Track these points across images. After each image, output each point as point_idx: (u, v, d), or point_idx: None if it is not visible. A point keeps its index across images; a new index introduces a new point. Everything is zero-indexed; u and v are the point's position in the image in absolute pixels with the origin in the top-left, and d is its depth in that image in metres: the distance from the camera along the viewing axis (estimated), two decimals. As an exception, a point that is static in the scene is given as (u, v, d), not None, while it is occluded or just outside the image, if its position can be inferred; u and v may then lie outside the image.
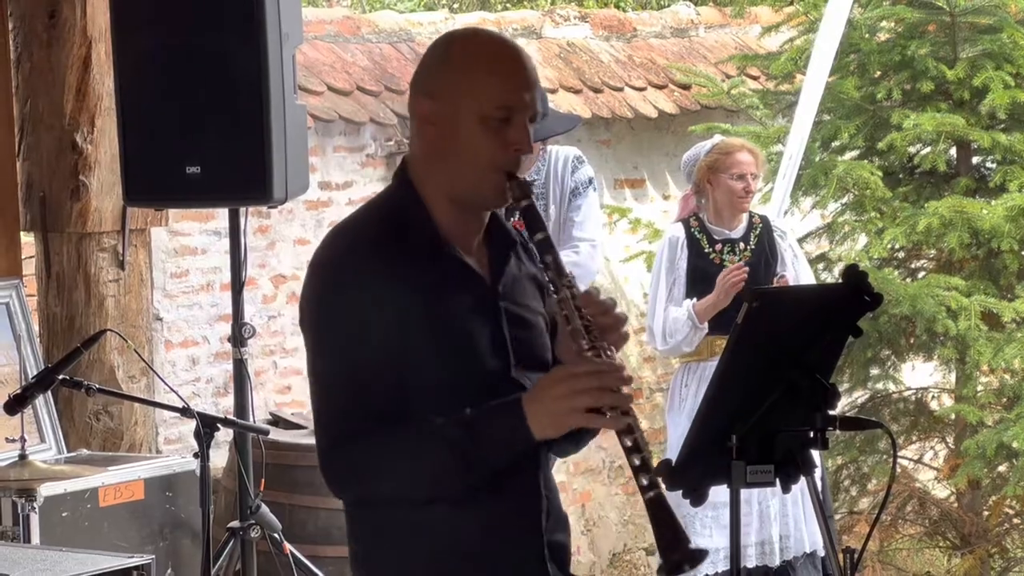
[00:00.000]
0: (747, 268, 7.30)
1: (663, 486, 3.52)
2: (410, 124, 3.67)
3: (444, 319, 3.52)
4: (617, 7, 13.69)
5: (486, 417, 3.48)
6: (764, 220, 7.62)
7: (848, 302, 3.90)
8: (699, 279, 7.47)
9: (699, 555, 3.54)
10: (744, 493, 3.89)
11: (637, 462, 3.47)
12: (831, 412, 3.85)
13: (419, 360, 3.49)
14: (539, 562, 3.61)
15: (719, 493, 3.88)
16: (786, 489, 3.90)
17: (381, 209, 3.63)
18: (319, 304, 3.56)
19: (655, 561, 8.10)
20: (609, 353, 3.50)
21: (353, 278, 3.52)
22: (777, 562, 7.42)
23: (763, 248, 7.55)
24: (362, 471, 3.50)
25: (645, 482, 3.46)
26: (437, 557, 3.55)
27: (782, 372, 3.83)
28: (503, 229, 3.67)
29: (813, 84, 9.04)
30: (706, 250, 7.50)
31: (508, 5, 14.90)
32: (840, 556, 3.83)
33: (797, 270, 7.63)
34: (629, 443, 3.47)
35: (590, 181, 7.50)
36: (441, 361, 3.50)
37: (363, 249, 3.53)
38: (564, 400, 3.43)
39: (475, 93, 3.53)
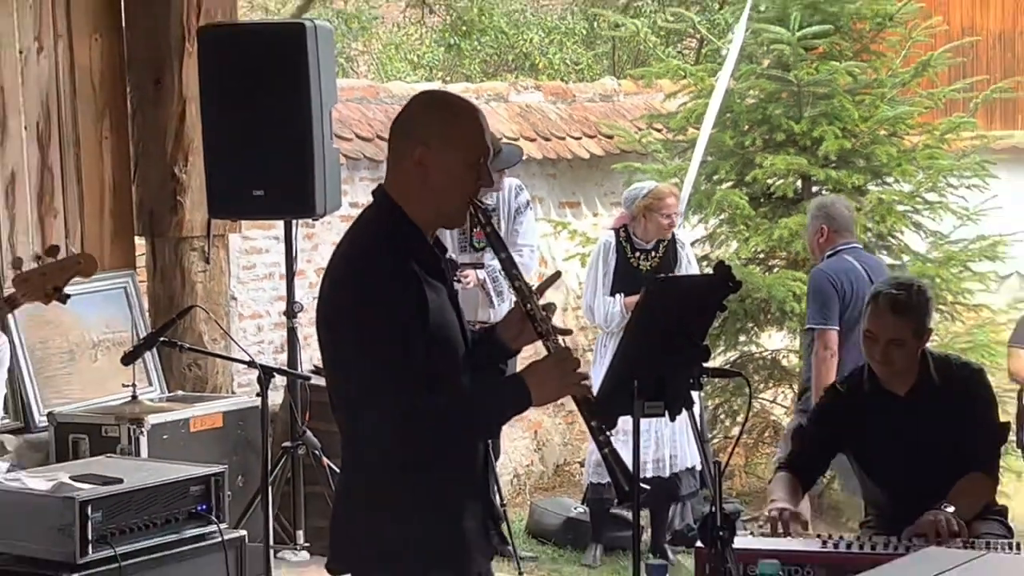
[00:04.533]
0: None
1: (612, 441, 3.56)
2: (395, 161, 3.57)
3: (436, 304, 3.46)
4: (562, 80, 13.68)
5: (504, 394, 3.51)
6: (672, 234, 7.64)
7: (718, 287, 3.90)
8: (621, 275, 7.52)
9: (641, 490, 3.61)
10: (644, 423, 3.89)
11: (594, 424, 3.50)
12: (705, 364, 3.86)
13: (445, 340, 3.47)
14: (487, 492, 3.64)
15: (627, 422, 3.88)
16: (672, 419, 3.89)
17: (379, 229, 3.52)
18: (365, 298, 3.39)
19: (585, 470, 8.12)
20: (564, 341, 3.55)
21: (392, 276, 3.39)
22: (667, 474, 7.45)
23: (668, 255, 7.59)
24: (442, 424, 3.41)
25: (601, 438, 3.50)
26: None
27: (671, 336, 3.83)
28: (437, 238, 3.64)
29: (703, 134, 9.09)
30: (628, 256, 7.56)
31: (484, 78, 14.88)
32: (711, 466, 3.83)
33: (689, 272, 7.64)
34: (587, 412, 3.51)
35: (527, 203, 7.69)
36: (437, 335, 3.44)
37: (386, 256, 3.42)
38: (563, 379, 3.45)
39: (465, 146, 3.48)
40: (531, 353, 3.72)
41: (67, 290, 4.23)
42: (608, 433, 3.50)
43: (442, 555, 3.50)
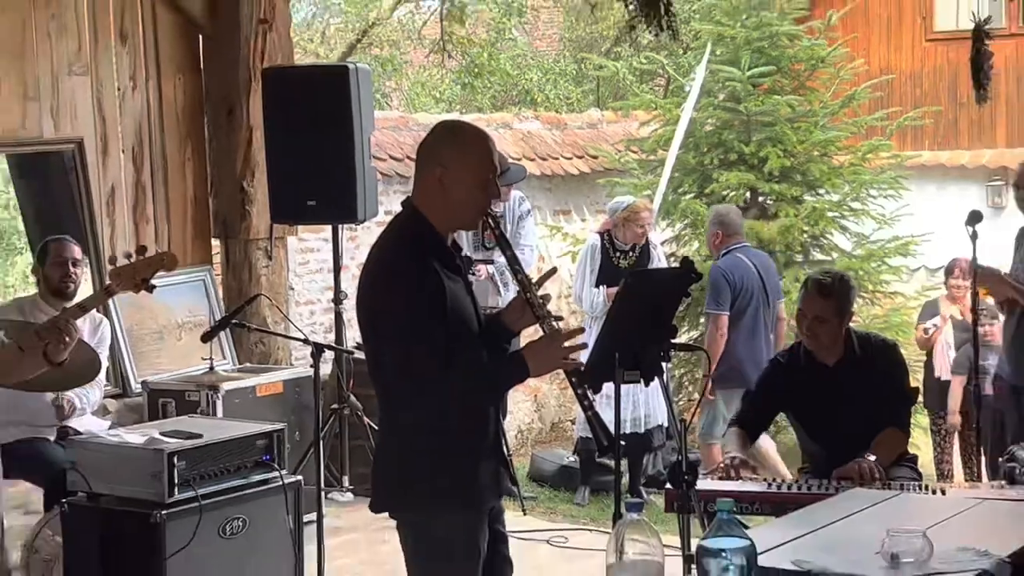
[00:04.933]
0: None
1: (595, 405, 3.55)
2: (420, 178, 3.54)
3: (453, 292, 3.44)
4: (556, 111, 13.66)
5: (508, 368, 3.49)
6: (646, 238, 7.63)
7: (683, 278, 3.90)
8: (604, 271, 7.48)
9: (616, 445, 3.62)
10: (624, 388, 3.89)
11: (580, 391, 3.49)
12: (672, 340, 3.86)
13: (460, 319, 3.44)
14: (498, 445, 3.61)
15: (610, 388, 3.87)
16: (646, 384, 3.89)
17: (406, 234, 3.51)
18: (396, 296, 3.39)
19: (575, 427, 8.12)
20: (557, 323, 3.53)
21: (416, 275, 3.38)
22: (642, 429, 7.45)
23: (643, 254, 7.54)
24: (460, 392, 3.41)
25: (586, 403, 3.49)
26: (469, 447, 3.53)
27: (645, 318, 3.83)
28: (454, 239, 3.62)
29: (671, 154, 9.08)
30: (611, 255, 7.53)
31: (493, 110, 14.85)
32: (678, 423, 3.84)
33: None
34: (575, 379, 3.50)
35: (528, 211, 7.63)
36: (454, 318, 3.42)
37: (411, 259, 3.41)
38: (556, 354, 3.42)
39: (477, 167, 3.46)
40: (531, 331, 3.71)
41: (154, 282, 4.21)
42: (592, 398, 3.51)
43: (462, 496, 3.50)
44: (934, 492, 4.42)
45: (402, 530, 3.58)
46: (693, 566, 2.54)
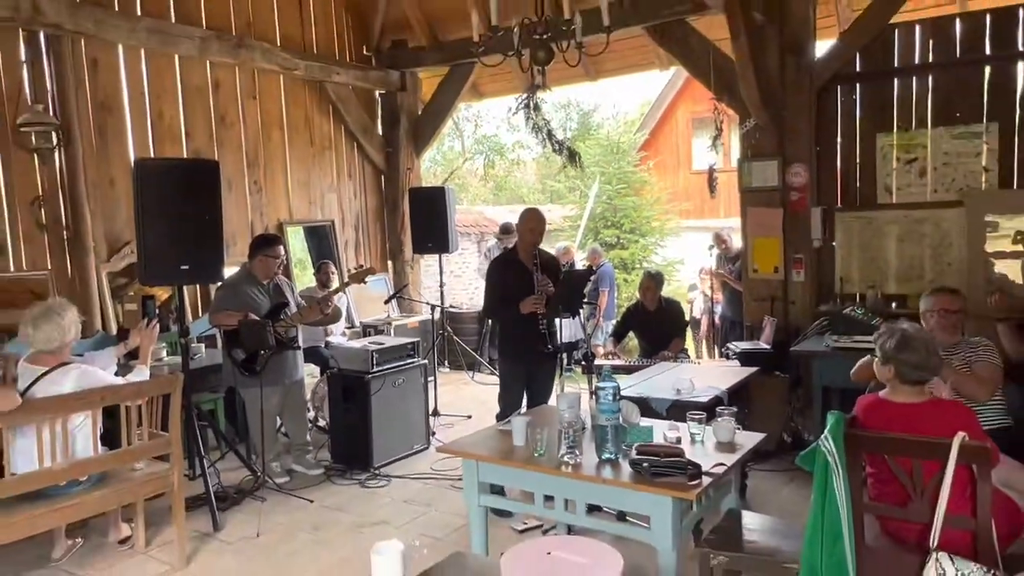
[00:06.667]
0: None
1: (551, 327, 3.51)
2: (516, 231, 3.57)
3: (512, 279, 3.46)
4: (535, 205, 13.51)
5: (510, 308, 3.44)
6: (573, 260, 7.52)
7: (587, 273, 3.92)
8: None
9: (560, 346, 3.56)
10: (566, 321, 3.85)
11: (545, 320, 3.48)
12: (583, 300, 3.82)
13: (505, 288, 3.43)
14: (541, 336, 3.58)
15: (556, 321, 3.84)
16: (573, 318, 3.85)
17: (502, 253, 3.58)
18: (488, 274, 3.52)
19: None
20: (545, 291, 3.50)
21: (497, 268, 3.50)
22: (573, 339, 7.26)
23: (572, 266, 7.22)
24: (500, 313, 3.42)
25: (543, 324, 3.48)
26: (514, 336, 3.48)
27: (572, 290, 3.80)
28: (539, 256, 3.56)
29: (583, 223, 9.00)
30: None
31: (507, 204, 14.73)
32: (587, 336, 3.79)
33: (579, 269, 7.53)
34: (542, 315, 3.48)
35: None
36: (506, 289, 3.44)
37: (498, 262, 3.50)
38: (532, 304, 3.42)
39: (526, 225, 3.47)
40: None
41: (366, 280, 4.21)
42: (550, 325, 3.51)
43: (509, 353, 3.57)
44: (694, 363, 4.41)
45: None
46: (593, 395, 2.55)
